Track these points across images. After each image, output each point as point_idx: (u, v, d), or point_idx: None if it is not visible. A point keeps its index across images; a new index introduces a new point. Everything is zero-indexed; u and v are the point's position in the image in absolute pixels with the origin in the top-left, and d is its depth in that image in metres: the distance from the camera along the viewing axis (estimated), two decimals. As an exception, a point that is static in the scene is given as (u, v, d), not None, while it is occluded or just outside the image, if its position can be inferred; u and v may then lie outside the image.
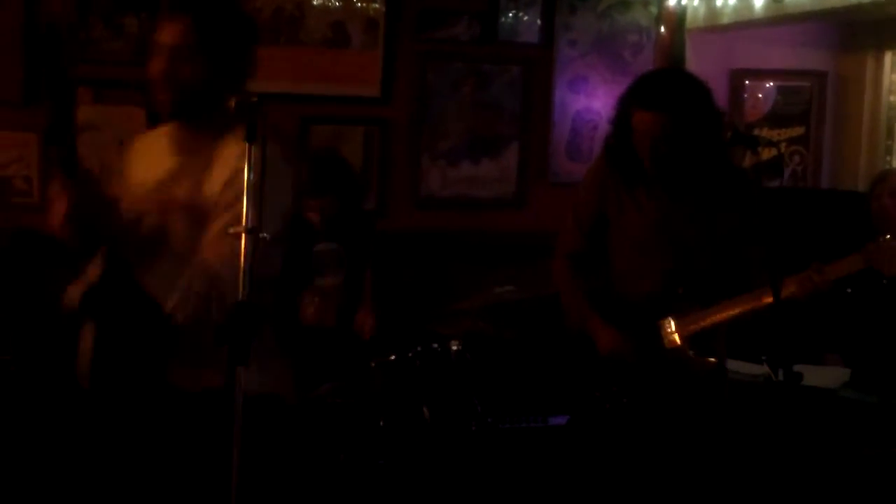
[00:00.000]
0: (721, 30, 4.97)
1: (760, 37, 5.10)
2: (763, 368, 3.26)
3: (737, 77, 5.20)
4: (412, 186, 4.79)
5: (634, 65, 4.89)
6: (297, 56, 4.55)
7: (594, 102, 4.92)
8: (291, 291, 3.62)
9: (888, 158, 5.13)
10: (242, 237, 1.99)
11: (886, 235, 2.64)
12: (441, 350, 3.45)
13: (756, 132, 5.10)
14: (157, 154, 2.34)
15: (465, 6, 4.74)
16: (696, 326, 2.82)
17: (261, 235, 2.02)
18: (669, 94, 2.72)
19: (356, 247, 3.75)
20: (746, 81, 5.22)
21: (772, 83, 5.26)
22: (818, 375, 3.24)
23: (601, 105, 4.82)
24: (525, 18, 4.83)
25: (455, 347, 3.46)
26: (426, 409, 3.30)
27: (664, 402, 2.86)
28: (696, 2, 4.96)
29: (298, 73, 4.55)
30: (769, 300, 2.68)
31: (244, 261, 1.99)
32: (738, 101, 5.20)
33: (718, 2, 4.84)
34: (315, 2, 4.55)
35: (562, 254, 3.04)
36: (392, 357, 3.41)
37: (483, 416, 3.38)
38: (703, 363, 2.86)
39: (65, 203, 2.11)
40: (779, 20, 4.69)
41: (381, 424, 3.25)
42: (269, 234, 2.05)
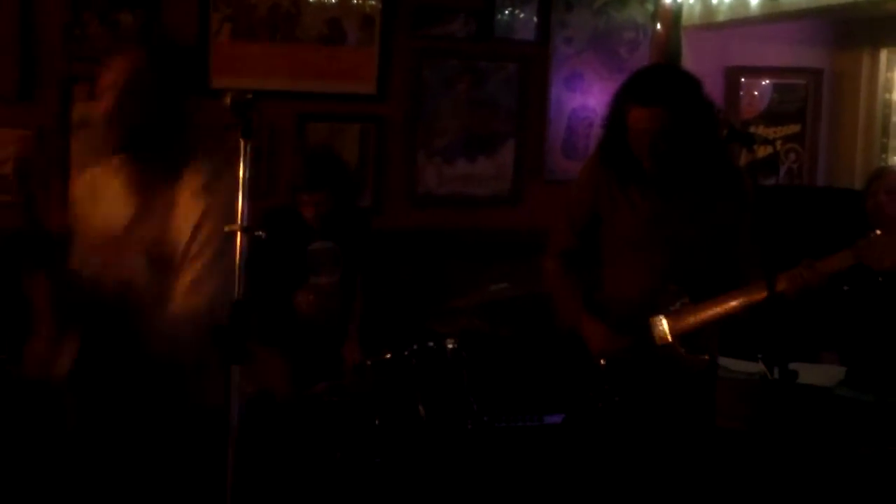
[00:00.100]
0: (717, 27, 4.96)
1: (756, 34, 5.10)
2: (758, 366, 3.26)
3: (732, 74, 5.20)
4: (408, 184, 4.79)
5: (630, 62, 4.89)
6: (293, 53, 4.54)
7: (590, 100, 4.92)
8: (287, 289, 3.62)
9: (883, 156, 5.14)
10: (238, 235, 2.00)
11: (877, 231, 2.63)
12: (437, 348, 3.45)
13: (752, 130, 5.09)
14: (114, 195, 2.32)
15: (462, 3, 4.74)
16: (688, 324, 2.81)
17: (256, 233, 2.03)
18: (665, 89, 2.71)
19: (351, 245, 3.75)
20: (742, 79, 5.22)
21: (767, 81, 5.26)
22: (814, 374, 3.24)
23: (597, 102, 4.81)
24: (521, 16, 4.82)
25: (451, 345, 3.46)
26: (422, 408, 3.30)
27: (656, 400, 2.85)
28: (692, -1, 4.96)
29: (294, 70, 4.55)
30: (759, 297, 2.69)
31: (239, 258, 2.00)
32: (734, 99, 5.20)
33: (714, -1, 4.85)
34: (311, -1, 4.54)
35: (553, 252, 3.04)
36: (388, 355, 3.41)
37: (479, 415, 3.38)
38: (695, 360, 2.85)
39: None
40: (774, 17, 4.69)
41: (377, 423, 3.24)
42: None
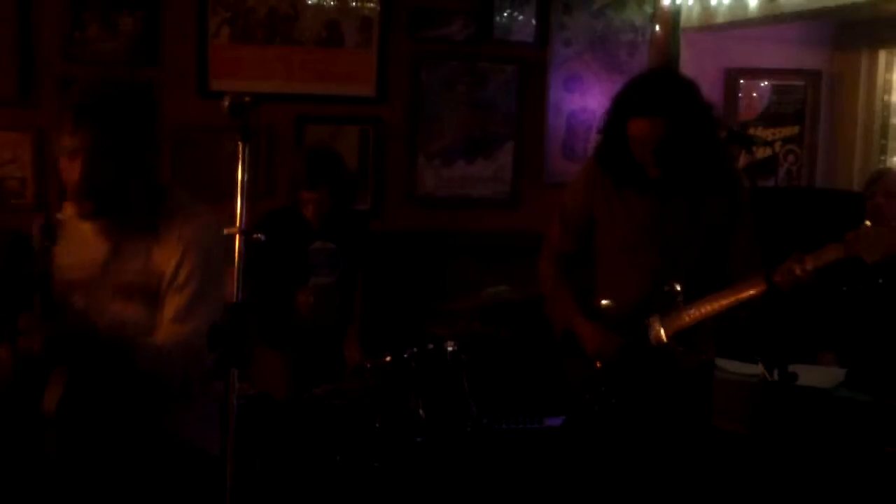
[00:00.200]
0: (715, 29, 4.97)
1: (755, 36, 5.10)
2: (758, 368, 3.26)
3: (731, 76, 5.21)
4: (407, 186, 4.79)
5: (629, 64, 4.90)
6: (292, 55, 4.55)
7: (589, 102, 4.92)
8: (287, 290, 3.62)
9: (882, 157, 5.14)
10: (236, 238, 2.00)
11: (866, 223, 2.63)
12: (436, 350, 3.44)
13: (750, 131, 5.10)
14: (83, 238, 2.29)
15: (460, 5, 4.74)
16: (682, 323, 2.82)
17: (255, 236, 2.03)
18: (665, 98, 2.72)
19: (351, 246, 3.75)
20: (741, 81, 5.22)
21: (766, 82, 5.27)
22: (813, 375, 3.23)
23: (596, 104, 4.81)
24: (520, 18, 4.82)
25: (450, 348, 3.46)
26: (422, 410, 3.30)
27: (653, 401, 2.85)
28: (691, 1, 4.96)
29: (293, 73, 4.55)
30: (752, 292, 2.69)
31: (238, 260, 2.00)
32: (733, 101, 5.20)
33: (713, 1, 4.84)
34: (309, 1, 4.54)
35: (548, 255, 3.04)
36: (387, 358, 3.40)
37: (479, 417, 3.38)
38: (691, 358, 2.85)
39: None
40: (773, 19, 4.69)
41: (377, 425, 3.24)
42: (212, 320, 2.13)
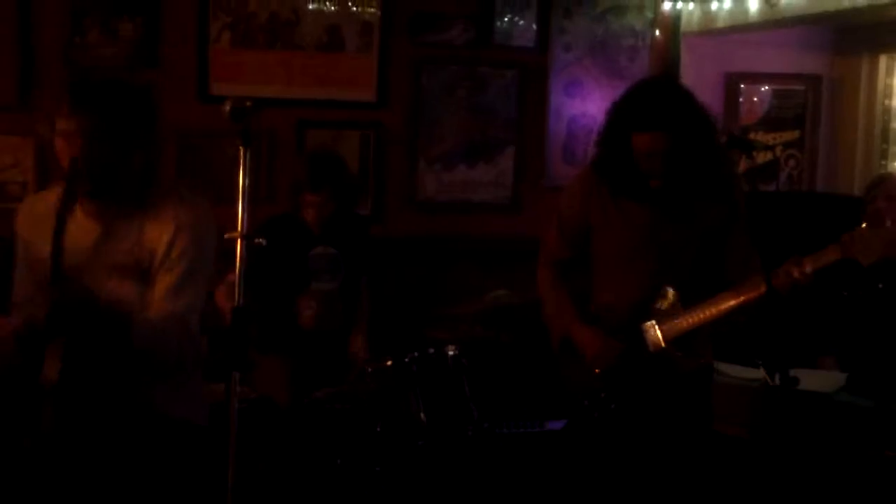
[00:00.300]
0: (716, 33, 4.97)
1: (755, 41, 5.11)
2: (759, 372, 3.26)
3: (732, 81, 5.21)
4: (408, 190, 4.79)
5: (630, 69, 4.90)
6: (293, 60, 4.55)
7: (590, 106, 4.92)
8: (289, 295, 3.62)
9: (883, 162, 5.14)
10: (238, 242, 2.00)
11: (863, 225, 2.63)
12: (437, 355, 3.44)
13: (751, 136, 5.11)
14: (74, 223, 2.28)
15: (461, 10, 4.75)
16: (680, 328, 2.82)
17: (256, 241, 2.03)
18: (667, 110, 2.72)
19: (352, 251, 3.75)
20: (741, 85, 5.23)
21: (767, 87, 5.27)
22: (814, 380, 3.24)
23: (597, 109, 4.81)
24: (520, 22, 4.83)
25: (451, 352, 3.45)
26: (423, 414, 3.29)
27: (652, 407, 2.85)
28: (692, 6, 4.97)
29: (294, 78, 4.56)
30: (749, 296, 2.69)
31: (240, 265, 2.01)
32: (734, 105, 5.21)
33: (713, 6, 4.85)
34: (310, 6, 4.55)
35: (546, 262, 3.04)
36: (388, 362, 3.40)
37: (480, 421, 3.38)
38: (690, 363, 2.85)
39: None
40: (773, 24, 4.70)
41: (378, 429, 3.24)
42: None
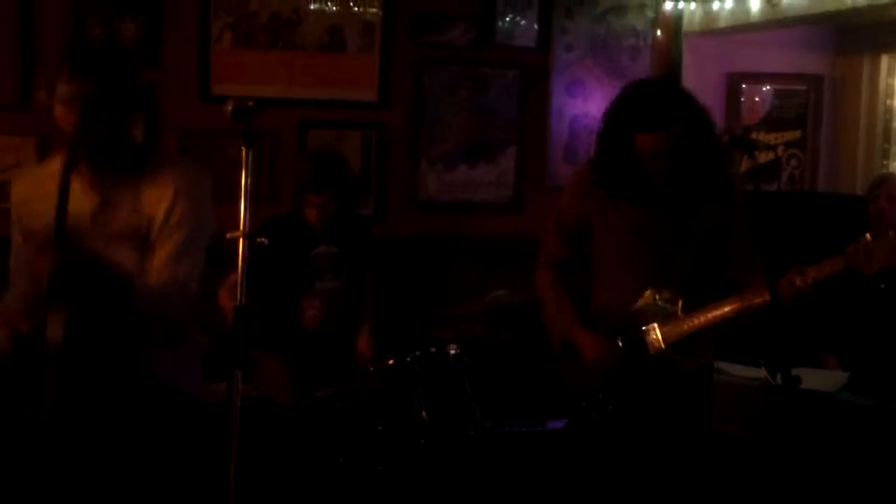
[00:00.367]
0: (717, 33, 4.97)
1: (757, 41, 5.11)
2: (761, 372, 3.26)
3: (733, 81, 5.21)
4: (410, 190, 4.79)
5: (631, 69, 4.90)
6: (294, 60, 4.55)
7: (591, 106, 4.92)
8: (291, 295, 3.62)
9: (885, 162, 5.14)
10: (240, 242, 2.00)
11: (867, 235, 2.63)
12: (439, 354, 3.44)
13: (753, 136, 5.11)
14: (71, 192, 2.26)
15: (462, 10, 4.75)
16: (681, 331, 2.81)
17: (259, 240, 2.04)
18: (672, 109, 2.72)
19: (355, 251, 3.75)
20: (743, 85, 5.23)
21: (768, 87, 5.27)
22: (816, 379, 3.24)
23: (598, 109, 4.73)
24: (522, 23, 4.83)
25: (453, 351, 3.45)
26: (425, 414, 3.30)
27: (652, 408, 2.84)
28: (693, 6, 4.97)
29: (295, 78, 4.56)
30: (752, 303, 2.69)
31: (242, 265, 2.01)
32: (735, 105, 5.21)
33: (715, 6, 4.85)
34: (312, 6, 4.55)
35: (545, 263, 3.03)
36: (390, 361, 3.40)
37: (482, 421, 3.38)
38: (690, 364, 2.85)
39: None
40: (775, 24, 4.70)
41: (380, 429, 3.24)
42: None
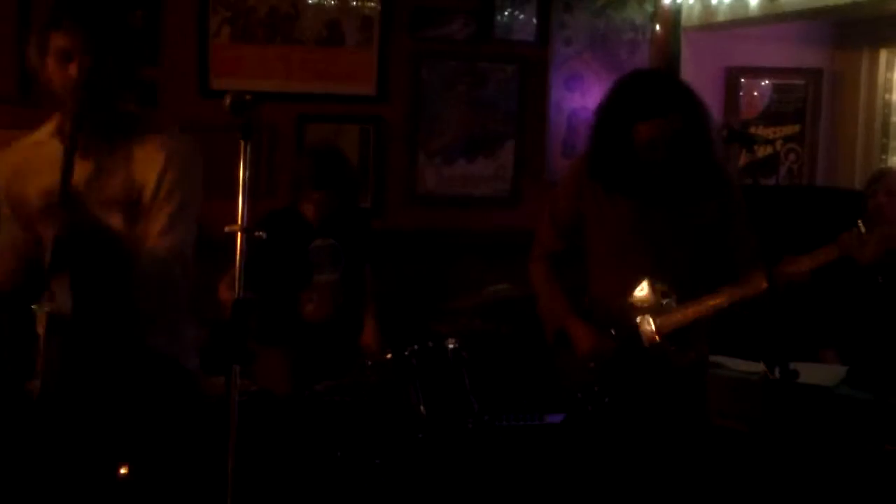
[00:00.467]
0: (716, 28, 4.97)
1: (755, 35, 5.10)
2: (759, 366, 3.26)
3: (732, 75, 5.21)
4: (408, 184, 4.79)
5: (630, 63, 4.90)
6: (293, 55, 4.55)
7: (590, 100, 4.92)
8: (290, 288, 3.62)
9: (883, 156, 5.14)
10: (238, 236, 2.00)
11: (860, 223, 2.63)
12: (437, 348, 3.45)
13: (751, 130, 5.10)
14: (57, 160, 2.23)
15: (461, 4, 4.75)
16: (676, 322, 2.82)
17: (256, 234, 2.03)
18: (670, 96, 2.73)
19: (353, 243, 3.75)
20: (742, 79, 5.22)
21: (767, 81, 5.27)
22: (814, 373, 3.24)
23: (597, 103, 4.80)
24: (520, 17, 4.83)
25: (451, 345, 3.46)
26: (423, 407, 3.30)
27: (647, 400, 2.85)
28: (692, 0, 4.96)
29: (294, 72, 4.56)
30: (745, 293, 2.69)
31: (240, 258, 2.00)
32: (734, 99, 5.21)
33: (713, 0, 4.84)
34: (310, 1, 4.54)
35: (539, 255, 3.04)
36: (388, 355, 3.41)
37: (480, 414, 3.38)
38: (685, 357, 2.85)
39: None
40: (774, 18, 4.69)
41: (378, 422, 3.25)
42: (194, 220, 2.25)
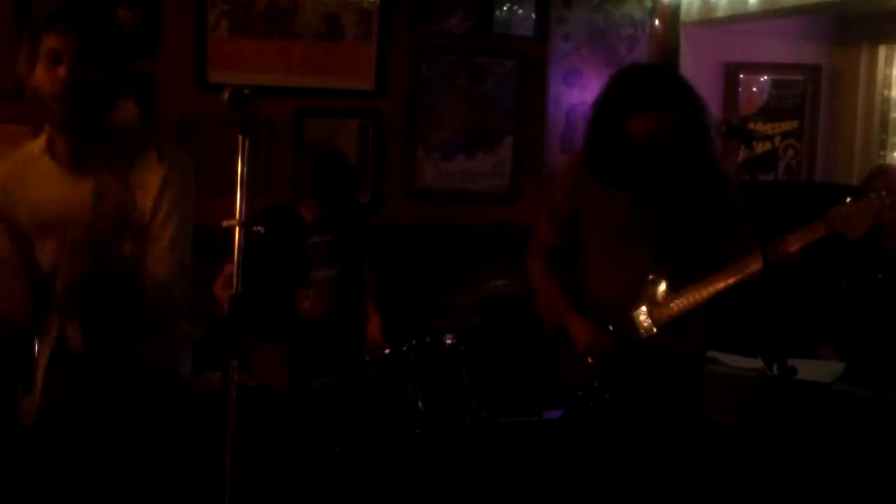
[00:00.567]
0: (715, 23, 4.96)
1: (754, 30, 5.10)
2: (757, 362, 3.26)
3: (731, 71, 5.20)
4: (406, 179, 4.79)
5: (629, 58, 4.89)
6: (291, 49, 4.54)
7: (589, 96, 4.86)
8: (287, 284, 3.62)
9: (882, 152, 5.14)
10: (236, 230, 2.00)
11: (847, 199, 2.62)
12: (435, 343, 3.45)
13: (750, 126, 5.10)
14: (52, 177, 2.26)
15: (460, -1, 4.74)
16: (670, 311, 2.81)
17: (254, 229, 2.03)
18: (666, 89, 2.72)
19: (351, 238, 3.75)
20: (741, 75, 5.22)
21: (766, 77, 5.26)
22: (812, 369, 3.24)
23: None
24: (519, 12, 4.82)
25: (449, 341, 3.46)
26: (421, 403, 3.30)
27: (646, 395, 2.84)
28: (691, -5, 4.96)
29: (292, 66, 4.55)
30: (736, 279, 2.70)
31: (237, 253, 2.00)
32: (733, 95, 5.20)
33: (713, -5, 4.85)
34: (309, -6, 4.54)
35: (537, 250, 3.03)
36: (386, 351, 3.41)
37: (478, 410, 3.38)
38: (681, 348, 2.86)
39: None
40: (773, 14, 4.69)
41: (376, 418, 3.25)
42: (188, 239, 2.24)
